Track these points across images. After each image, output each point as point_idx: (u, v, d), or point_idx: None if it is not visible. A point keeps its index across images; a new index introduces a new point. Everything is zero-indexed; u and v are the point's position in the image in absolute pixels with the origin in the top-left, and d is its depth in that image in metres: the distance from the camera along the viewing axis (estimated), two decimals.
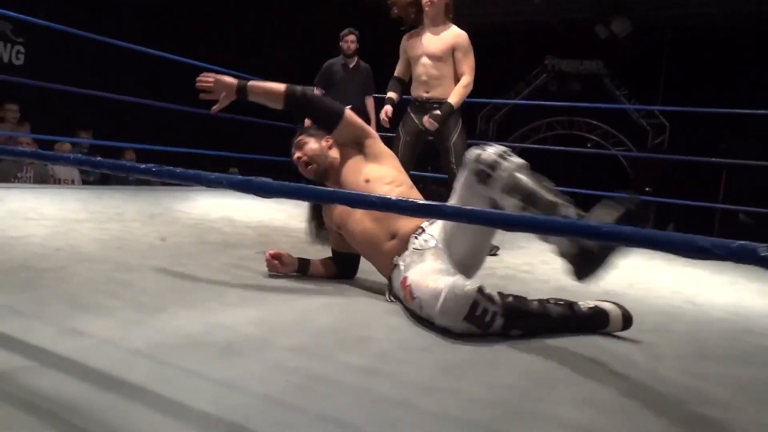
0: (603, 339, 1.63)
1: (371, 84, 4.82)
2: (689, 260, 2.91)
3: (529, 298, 1.61)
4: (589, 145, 10.24)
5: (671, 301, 2.29)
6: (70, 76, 5.84)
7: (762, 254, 0.61)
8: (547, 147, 9.15)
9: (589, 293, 2.32)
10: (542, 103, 8.36)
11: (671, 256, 3.80)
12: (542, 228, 0.88)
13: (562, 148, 7.98)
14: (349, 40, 4.70)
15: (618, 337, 1.67)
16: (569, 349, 1.48)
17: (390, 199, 1.04)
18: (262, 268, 2.11)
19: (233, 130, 7.61)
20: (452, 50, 3.19)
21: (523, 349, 1.45)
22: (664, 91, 10.00)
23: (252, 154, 5.90)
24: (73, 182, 5.43)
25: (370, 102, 4.84)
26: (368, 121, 4.82)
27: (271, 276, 2.06)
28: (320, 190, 1.04)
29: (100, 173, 6.27)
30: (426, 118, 3.16)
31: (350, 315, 1.64)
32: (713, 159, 6.96)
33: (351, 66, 4.75)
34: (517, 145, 10.38)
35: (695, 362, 1.51)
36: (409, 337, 1.47)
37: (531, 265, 2.91)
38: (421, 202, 1.06)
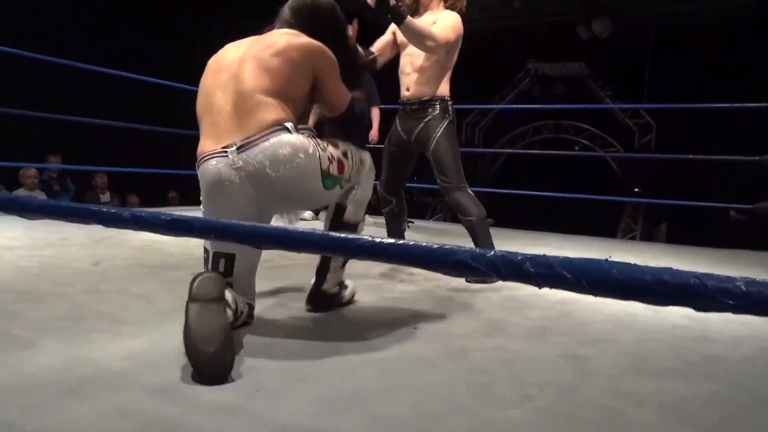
0: (528, 357, 1.48)
1: (375, 94, 4.64)
2: (656, 258, 2.74)
3: None
4: (576, 148, 10.09)
5: (627, 307, 2.13)
6: (38, 100, 5.77)
7: (526, 269, 0.47)
8: (536, 152, 9.01)
9: (543, 301, 2.17)
10: (527, 106, 8.26)
11: (646, 258, 3.65)
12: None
13: (549, 152, 7.84)
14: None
15: (547, 353, 1.52)
16: (483, 364, 1.33)
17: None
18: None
19: None
20: None
21: (426, 373, 1.30)
22: (648, 90, 9.87)
23: None
24: None
25: (375, 112, 4.69)
26: (370, 130, 4.66)
27: None
28: (87, 208, 0.89)
29: (75, 192, 6.17)
30: None
31: (244, 341, 1.48)
32: (700, 156, 6.80)
33: None
34: (504, 150, 10.27)
35: (627, 378, 1.35)
36: (293, 366, 1.31)
37: None
38: None
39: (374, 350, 1.44)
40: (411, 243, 0.51)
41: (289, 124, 1.54)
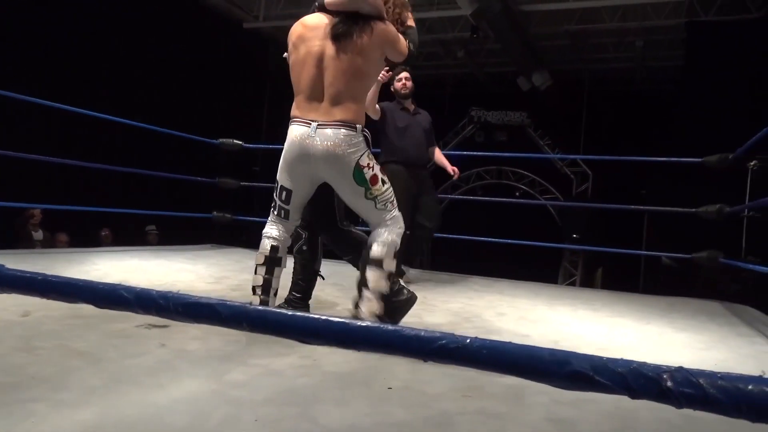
0: (514, 422, 1.40)
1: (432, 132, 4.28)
2: (615, 309, 2.74)
3: None
4: (517, 194, 10.36)
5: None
6: None
7: (665, 387, 0.40)
8: (477, 198, 9.17)
9: None
10: (470, 153, 8.44)
11: (597, 306, 3.68)
12: None
13: (492, 198, 7.99)
14: (404, 77, 3.99)
15: (533, 417, 1.45)
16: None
17: None
18: (138, 345, 1.79)
19: (153, 187, 7.20)
20: None
21: None
22: (585, 140, 10.34)
23: (171, 212, 5.51)
24: None
25: (437, 151, 4.35)
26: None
27: (142, 355, 1.74)
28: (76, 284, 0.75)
29: None
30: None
31: (208, 415, 1.34)
32: (635, 206, 7.12)
33: (411, 110, 4.08)
34: (448, 196, 10.41)
35: None
36: None
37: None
38: None
39: (350, 418, 1.33)
40: (510, 345, 0.43)
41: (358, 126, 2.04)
